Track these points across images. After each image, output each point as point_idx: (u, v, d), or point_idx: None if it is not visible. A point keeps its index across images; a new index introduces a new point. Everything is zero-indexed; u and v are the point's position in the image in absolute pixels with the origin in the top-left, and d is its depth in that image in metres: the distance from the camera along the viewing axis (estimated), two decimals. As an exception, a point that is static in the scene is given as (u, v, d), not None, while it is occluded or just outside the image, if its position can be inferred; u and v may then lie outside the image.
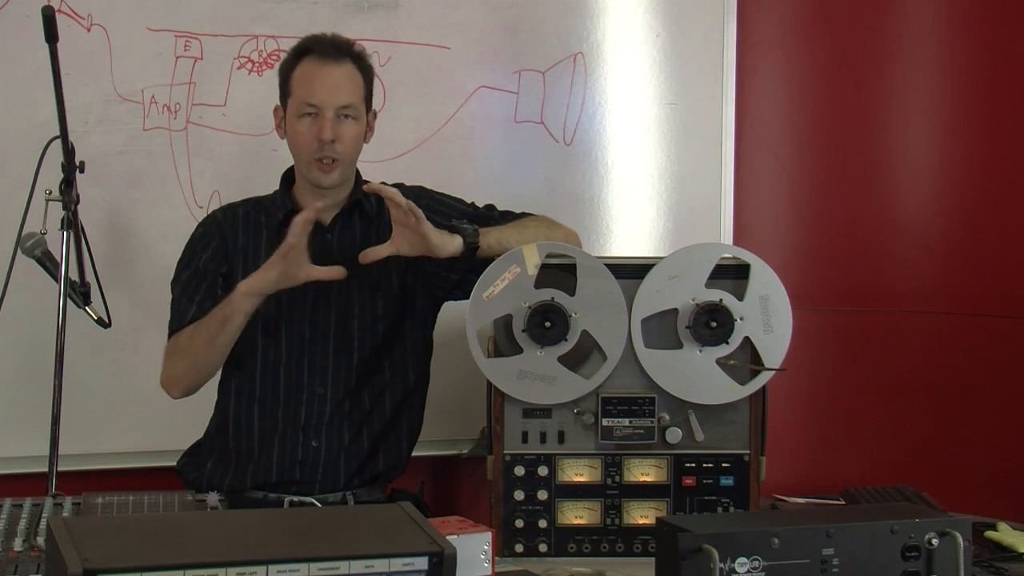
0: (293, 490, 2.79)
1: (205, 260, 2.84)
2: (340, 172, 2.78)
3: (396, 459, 2.89)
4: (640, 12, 3.57)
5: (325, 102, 2.72)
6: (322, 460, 2.80)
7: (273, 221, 2.85)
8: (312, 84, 2.74)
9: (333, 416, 2.81)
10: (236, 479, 2.81)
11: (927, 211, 3.64)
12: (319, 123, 2.72)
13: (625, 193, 3.58)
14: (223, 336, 2.70)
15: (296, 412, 2.81)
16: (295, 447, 2.80)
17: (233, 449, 2.83)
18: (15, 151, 3.07)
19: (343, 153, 2.75)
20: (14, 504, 2.34)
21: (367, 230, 2.86)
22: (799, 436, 3.60)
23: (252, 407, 2.82)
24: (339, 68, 2.75)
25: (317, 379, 2.81)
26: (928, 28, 3.64)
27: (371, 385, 2.85)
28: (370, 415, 2.84)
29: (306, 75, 2.75)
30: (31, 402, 3.00)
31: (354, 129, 2.76)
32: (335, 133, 2.72)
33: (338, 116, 2.73)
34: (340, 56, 2.76)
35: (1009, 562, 2.60)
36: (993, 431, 3.53)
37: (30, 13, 3.00)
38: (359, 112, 2.77)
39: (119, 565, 1.70)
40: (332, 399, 2.81)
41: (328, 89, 2.73)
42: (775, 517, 2.48)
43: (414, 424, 2.93)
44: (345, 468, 2.81)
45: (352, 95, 2.75)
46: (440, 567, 1.82)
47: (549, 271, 2.62)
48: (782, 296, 2.63)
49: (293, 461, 2.80)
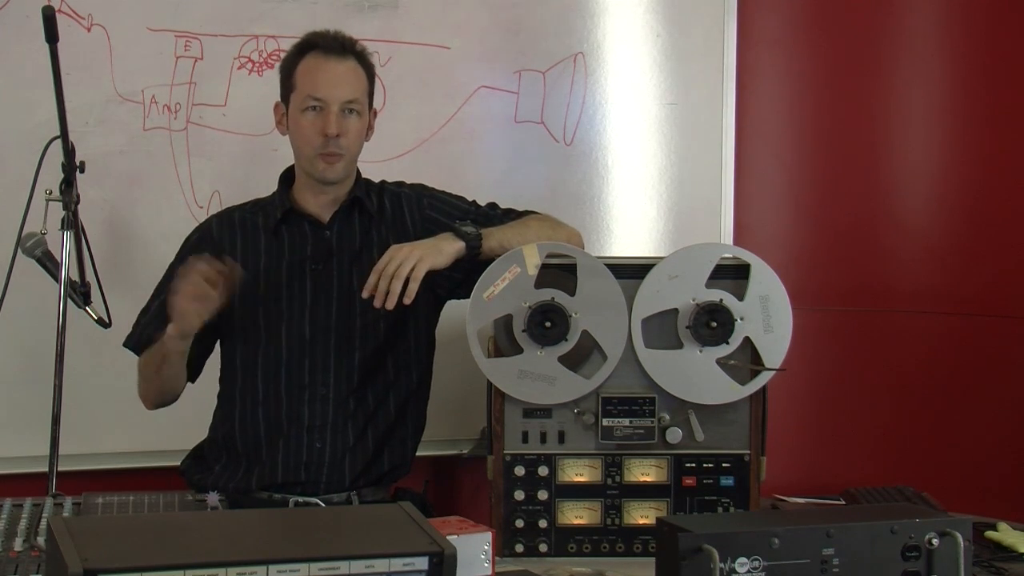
0: (298, 491, 2.78)
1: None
2: (344, 167, 2.78)
3: (401, 459, 2.88)
4: (640, 12, 3.57)
5: (330, 96, 2.73)
6: (327, 461, 2.79)
7: (271, 222, 2.84)
8: (317, 78, 2.74)
9: (337, 416, 2.81)
10: (242, 481, 2.80)
11: (927, 211, 3.64)
12: (324, 117, 2.73)
13: (625, 193, 3.58)
14: (166, 368, 2.73)
15: (299, 413, 2.80)
16: (299, 448, 2.79)
17: (242, 452, 2.82)
18: (15, 151, 3.07)
19: (347, 147, 2.75)
20: (14, 504, 2.34)
21: (367, 227, 2.86)
22: (799, 436, 3.60)
23: (256, 410, 2.82)
24: (344, 63, 2.76)
25: (319, 379, 2.80)
26: (928, 28, 3.63)
27: (375, 385, 2.84)
28: (375, 415, 2.84)
29: (311, 69, 2.76)
30: (31, 402, 3.00)
31: (358, 124, 2.77)
32: (340, 127, 2.73)
33: (343, 111, 2.73)
34: (344, 52, 2.77)
35: (1009, 562, 2.61)
36: (993, 431, 3.53)
37: (30, 13, 3.00)
38: (363, 108, 2.78)
39: (119, 565, 1.70)
40: (335, 399, 2.80)
41: (333, 83, 2.73)
42: (775, 517, 2.49)
43: (419, 423, 2.93)
44: (350, 468, 2.80)
45: (356, 90, 2.76)
46: (440, 567, 1.82)
47: (549, 271, 2.62)
48: (782, 296, 2.63)
49: (298, 462, 2.79)
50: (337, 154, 2.75)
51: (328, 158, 2.75)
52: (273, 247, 2.83)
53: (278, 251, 2.83)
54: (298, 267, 2.82)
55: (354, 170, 2.85)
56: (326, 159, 2.75)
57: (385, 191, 2.92)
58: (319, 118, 2.73)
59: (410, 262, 2.62)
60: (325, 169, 2.77)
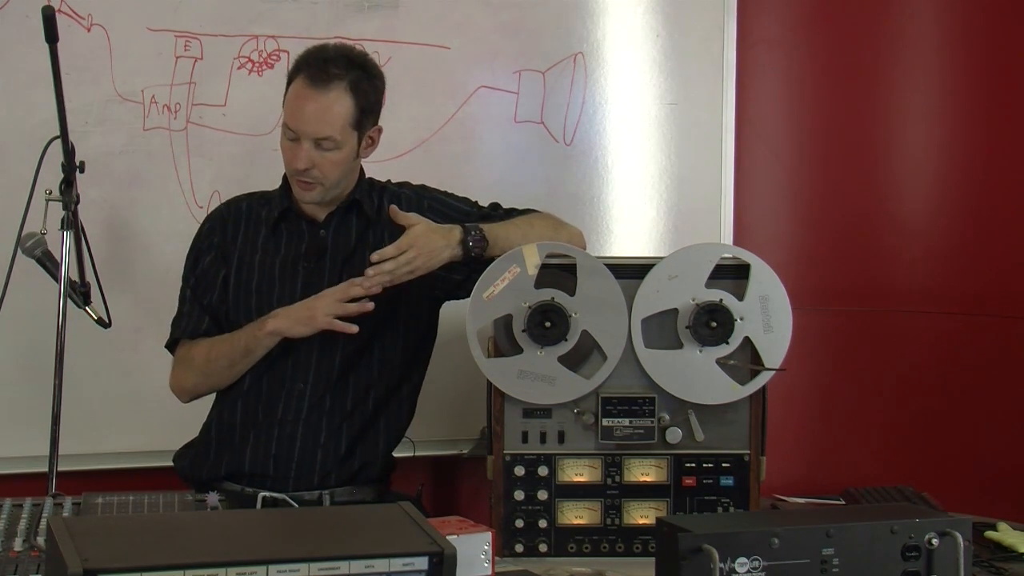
0: (267, 484, 2.78)
1: (208, 262, 2.87)
2: (320, 193, 2.78)
3: (373, 456, 2.86)
4: (640, 12, 3.57)
5: (302, 131, 2.71)
6: (296, 456, 2.80)
7: (271, 217, 2.86)
8: (294, 109, 2.72)
9: (311, 412, 2.81)
10: (212, 469, 2.82)
11: (927, 211, 3.64)
12: (296, 149, 2.72)
13: (625, 193, 3.58)
14: (243, 364, 2.79)
15: (274, 407, 2.81)
16: (269, 441, 2.80)
17: (215, 439, 2.85)
18: (15, 151, 3.07)
19: (320, 178, 2.75)
20: (14, 504, 2.34)
21: (363, 230, 2.86)
22: (799, 436, 3.60)
23: (236, 401, 2.84)
24: (324, 96, 2.70)
25: (299, 375, 2.81)
26: (928, 28, 3.63)
27: (355, 383, 2.84)
28: (351, 414, 2.83)
29: (293, 97, 2.74)
30: (31, 402, 3.00)
31: (334, 156, 2.73)
32: (310, 161, 2.72)
33: (316, 144, 2.71)
34: (329, 80, 2.70)
35: (1009, 562, 2.61)
36: (993, 431, 3.53)
37: (30, 13, 3.00)
38: (339, 142, 2.72)
39: (119, 565, 1.70)
40: (312, 395, 2.81)
41: (307, 119, 2.70)
42: (775, 517, 2.49)
43: (398, 424, 2.91)
44: (321, 466, 2.80)
45: (332, 127, 2.70)
46: (440, 567, 1.82)
47: (549, 271, 2.62)
48: (782, 296, 2.63)
49: (267, 455, 2.80)
50: (310, 182, 2.75)
51: (303, 184, 2.76)
52: (270, 243, 2.85)
53: (274, 247, 2.84)
54: (291, 264, 2.84)
55: (345, 183, 2.82)
56: (301, 184, 2.77)
57: (386, 192, 2.92)
58: (293, 147, 2.73)
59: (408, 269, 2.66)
60: (300, 193, 2.79)
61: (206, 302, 2.84)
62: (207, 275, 2.86)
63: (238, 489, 2.80)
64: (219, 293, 2.85)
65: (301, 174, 2.74)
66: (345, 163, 2.77)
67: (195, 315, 2.84)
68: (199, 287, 2.86)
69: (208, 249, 2.87)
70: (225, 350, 2.79)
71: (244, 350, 2.77)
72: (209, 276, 2.85)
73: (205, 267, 2.86)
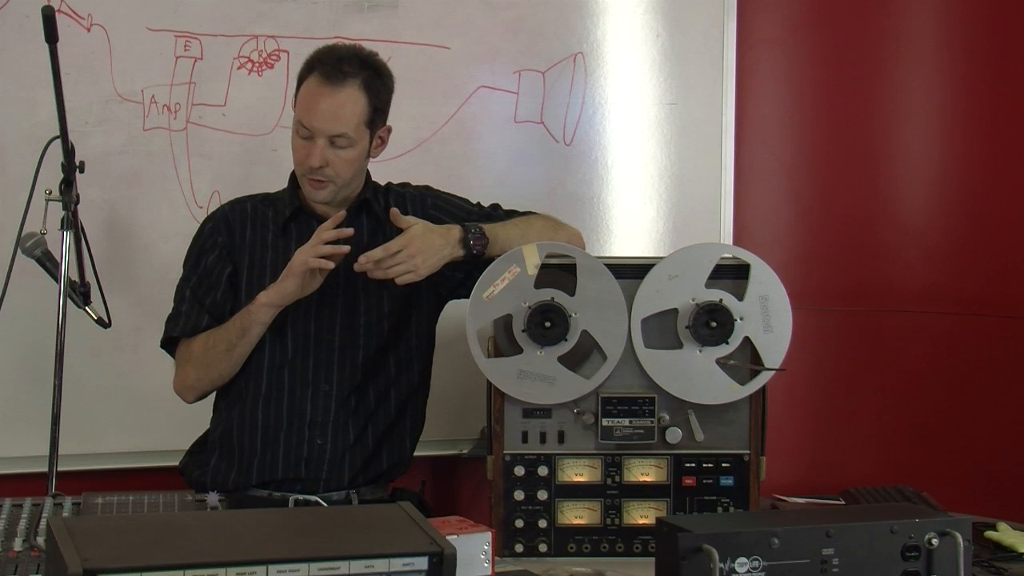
0: (298, 488, 2.79)
1: (212, 261, 2.85)
2: (331, 192, 2.78)
3: (400, 457, 2.89)
4: (640, 12, 3.57)
5: (317, 129, 2.71)
6: (327, 458, 2.80)
7: (280, 218, 2.86)
8: (308, 107, 2.72)
9: (339, 413, 2.81)
10: (240, 476, 2.81)
11: (927, 211, 3.64)
12: (310, 147, 2.72)
13: (625, 193, 3.58)
14: (241, 346, 2.76)
15: (302, 409, 2.81)
16: (300, 444, 2.80)
17: (237, 446, 2.82)
18: (15, 151, 3.07)
19: (333, 176, 2.75)
20: (14, 504, 2.34)
21: (374, 229, 2.86)
22: (799, 436, 3.60)
23: (257, 404, 2.82)
24: (340, 93, 2.71)
25: (323, 376, 2.81)
26: (928, 28, 3.63)
27: (377, 383, 2.85)
28: (375, 413, 2.84)
29: (306, 95, 2.74)
30: (31, 402, 3.00)
31: (348, 154, 2.74)
32: (324, 159, 2.72)
33: (331, 142, 2.72)
34: (343, 79, 2.71)
35: (1009, 562, 2.61)
36: (993, 431, 3.53)
37: (30, 13, 3.00)
38: (353, 140, 2.73)
39: (119, 565, 1.70)
40: (337, 396, 2.81)
41: (322, 116, 2.71)
42: (775, 517, 2.49)
43: (418, 422, 2.94)
44: (350, 466, 2.81)
45: (347, 124, 2.72)
46: (440, 567, 1.82)
47: (549, 271, 2.62)
48: (782, 296, 2.63)
49: (299, 458, 2.80)
50: (322, 181, 2.75)
51: (314, 183, 2.76)
52: (280, 243, 2.84)
53: (286, 248, 2.83)
54: None
55: (353, 186, 2.82)
56: (312, 183, 2.77)
57: (390, 192, 2.93)
58: (307, 145, 2.73)
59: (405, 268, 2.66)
60: (311, 192, 2.79)
61: (208, 301, 2.83)
62: (211, 274, 2.85)
63: (265, 495, 2.79)
64: (223, 292, 2.83)
65: (313, 172, 2.73)
66: (357, 161, 2.78)
67: (194, 313, 2.83)
68: (201, 286, 2.85)
69: (212, 248, 2.86)
70: (222, 335, 2.77)
71: (240, 330, 2.74)
72: (213, 275, 2.84)
73: (209, 266, 2.85)
